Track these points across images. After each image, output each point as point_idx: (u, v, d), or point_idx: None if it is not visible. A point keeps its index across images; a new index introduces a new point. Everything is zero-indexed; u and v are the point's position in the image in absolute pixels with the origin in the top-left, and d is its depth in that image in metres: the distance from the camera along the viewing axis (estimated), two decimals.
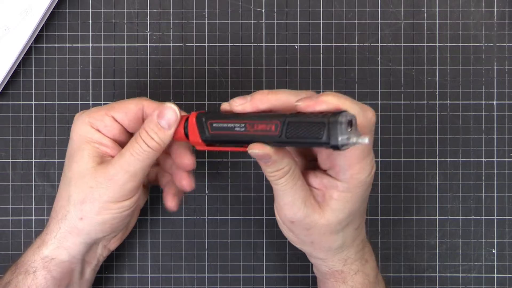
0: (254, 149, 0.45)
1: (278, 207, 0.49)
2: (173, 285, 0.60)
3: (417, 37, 0.60)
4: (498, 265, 0.60)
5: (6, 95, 0.59)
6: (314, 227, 0.48)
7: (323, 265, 0.51)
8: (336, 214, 0.47)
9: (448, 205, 0.60)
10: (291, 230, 0.49)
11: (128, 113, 0.50)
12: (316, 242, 0.49)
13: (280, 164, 0.46)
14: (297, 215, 0.47)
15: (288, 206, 0.47)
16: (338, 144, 0.42)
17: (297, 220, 0.48)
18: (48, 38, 0.59)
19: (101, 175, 0.48)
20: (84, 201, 0.49)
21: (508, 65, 0.60)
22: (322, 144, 0.42)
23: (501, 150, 0.60)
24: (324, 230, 0.48)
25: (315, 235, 0.48)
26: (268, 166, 0.46)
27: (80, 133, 0.50)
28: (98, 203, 0.48)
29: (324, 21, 0.60)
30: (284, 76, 0.59)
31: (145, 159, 0.48)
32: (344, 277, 0.51)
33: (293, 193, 0.47)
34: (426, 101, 0.60)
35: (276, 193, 0.48)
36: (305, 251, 0.52)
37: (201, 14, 0.60)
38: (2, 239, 0.59)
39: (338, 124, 0.42)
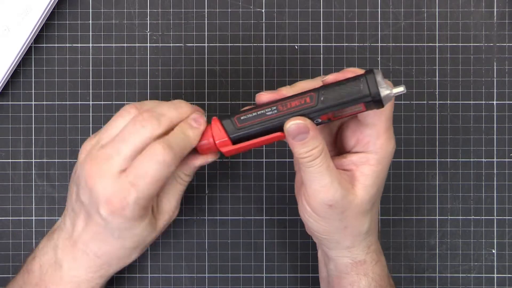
0: (294, 121, 0.45)
1: (312, 193, 0.47)
2: (173, 285, 0.60)
3: (417, 37, 0.60)
4: (498, 265, 0.60)
5: (6, 95, 0.59)
6: (349, 209, 0.48)
7: (345, 257, 0.51)
8: (368, 190, 0.48)
9: (448, 205, 0.60)
10: (325, 218, 0.48)
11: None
12: (349, 226, 0.49)
13: (316, 141, 0.46)
14: (335, 197, 0.47)
15: (326, 189, 0.47)
16: (379, 93, 0.43)
17: (335, 203, 0.47)
18: (48, 38, 0.59)
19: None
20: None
21: (508, 65, 0.60)
22: (364, 98, 0.44)
23: (501, 150, 0.60)
24: (357, 210, 0.48)
25: (349, 218, 0.48)
26: (305, 144, 0.46)
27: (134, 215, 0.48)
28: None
29: (324, 21, 0.60)
30: (284, 76, 0.59)
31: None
32: (366, 269, 0.51)
33: (330, 174, 0.47)
34: (426, 101, 0.60)
35: (310, 177, 0.47)
36: (332, 242, 0.50)
37: (201, 14, 0.60)
38: (2, 239, 0.59)
39: (376, 75, 0.44)
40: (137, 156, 0.46)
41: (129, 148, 0.46)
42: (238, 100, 0.59)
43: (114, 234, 0.47)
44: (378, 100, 0.44)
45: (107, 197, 0.45)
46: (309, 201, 0.48)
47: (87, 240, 0.48)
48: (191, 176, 0.50)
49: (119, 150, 0.46)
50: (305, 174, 0.47)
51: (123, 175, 0.45)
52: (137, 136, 0.46)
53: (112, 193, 0.45)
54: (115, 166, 0.45)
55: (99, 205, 0.46)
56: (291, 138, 0.46)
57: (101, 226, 0.47)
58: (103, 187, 0.45)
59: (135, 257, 0.50)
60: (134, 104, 0.48)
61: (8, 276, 0.59)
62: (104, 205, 0.46)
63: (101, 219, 0.46)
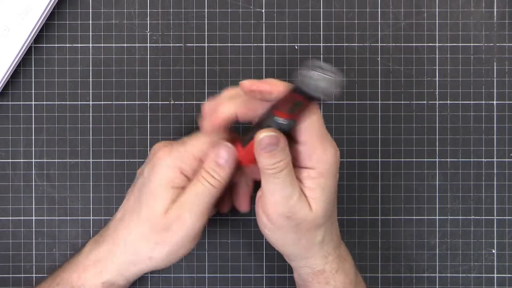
0: (267, 133, 0.47)
1: (272, 203, 0.48)
2: (173, 285, 0.60)
3: (417, 37, 0.60)
4: (498, 265, 0.60)
5: (6, 95, 0.59)
6: (303, 222, 0.49)
7: (305, 267, 0.51)
8: (319, 204, 0.48)
9: (448, 205, 0.60)
10: (280, 229, 0.49)
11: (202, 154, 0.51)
12: (303, 238, 0.49)
13: (284, 153, 0.47)
14: (295, 209, 0.48)
15: (286, 200, 0.48)
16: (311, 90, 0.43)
17: (292, 215, 0.48)
18: (48, 38, 0.59)
19: (172, 218, 0.50)
20: (157, 242, 0.50)
21: (508, 65, 0.60)
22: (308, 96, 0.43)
23: (501, 150, 0.60)
24: (311, 224, 0.49)
25: (303, 231, 0.49)
26: (273, 156, 0.47)
27: (168, 176, 0.50)
28: (168, 246, 0.50)
29: (324, 21, 0.60)
30: (284, 76, 0.59)
31: (210, 197, 0.50)
32: (326, 277, 0.51)
33: (293, 186, 0.48)
34: (426, 101, 0.60)
35: (272, 188, 0.48)
36: (288, 253, 0.52)
37: (201, 14, 0.60)
38: (2, 239, 0.59)
39: (310, 69, 0.42)
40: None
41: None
42: None
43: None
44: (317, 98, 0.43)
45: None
46: (268, 212, 0.49)
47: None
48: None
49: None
50: (267, 185, 0.48)
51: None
52: None
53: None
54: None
55: (147, 165, 0.52)
56: (259, 149, 0.47)
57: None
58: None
59: (156, 252, 0.51)
60: None
61: (8, 276, 0.59)
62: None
63: (143, 177, 0.51)
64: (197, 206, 0.50)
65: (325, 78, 0.42)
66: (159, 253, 0.50)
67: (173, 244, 0.50)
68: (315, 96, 0.43)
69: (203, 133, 0.51)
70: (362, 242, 0.60)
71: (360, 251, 0.60)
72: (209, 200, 0.50)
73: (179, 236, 0.50)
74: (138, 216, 0.50)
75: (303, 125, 0.48)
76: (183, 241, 0.50)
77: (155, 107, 0.59)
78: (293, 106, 0.46)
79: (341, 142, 0.59)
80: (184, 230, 0.50)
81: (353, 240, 0.60)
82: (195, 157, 0.51)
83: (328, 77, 0.42)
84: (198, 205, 0.50)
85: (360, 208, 0.60)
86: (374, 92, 0.60)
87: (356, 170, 0.60)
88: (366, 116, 0.60)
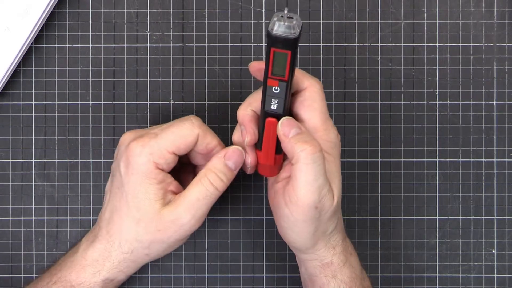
0: (284, 119, 0.48)
1: (305, 193, 0.47)
2: (173, 285, 0.60)
3: (417, 37, 0.60)
4: (498, 265, 0.60)
5: (6, 95, 0.59)
6: (327, 212, 0.48)
7: (313, 260, 0.51)
8: (336, 188, 0.49)
9: (448, 205, 0.60)
10: (304, 220, 0.48)
11: (187, 147, 0.51)
12: (320, 228, 0.49)
13: (311, 136, 0.48)
14: (324, 199, 0.48)
15: (319, 190, 0.47)
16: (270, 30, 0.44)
17: (321, 205, 0.48)
18: (48, 38, 0.59)
19: (169, 220, 0.49)
20: (152, 241, 0.50)
21: (508, 65, 0.60)
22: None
23: (501, 150, 0.60)
24: (331, 213, 0.49)
25: (324, 220, 0.49)
26: (302, 136, 0.47)
27: (145, 173, 0.50)
28: (165, 244, 0.50)
29: (324, 21, 0.60)
30: None
31: (212, 201, 0.50)
32: (333, 271, 0.51)
33: (325, 176, 0.47)
34: (426, 101, 0.60)
35: (308, 178, 0.47)
36: (301, 245, 0.51)
37: (201, 14, 0.60)
38: (2, 239, 0.59)
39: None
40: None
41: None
42: (238, 100, 0.59)
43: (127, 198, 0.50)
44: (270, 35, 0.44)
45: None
46: (298, 202, 0.48)
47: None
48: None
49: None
50: (304, 174, 0.47)
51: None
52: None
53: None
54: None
55: (120, 161, 0.50)
56: (284, 136, 0.47)
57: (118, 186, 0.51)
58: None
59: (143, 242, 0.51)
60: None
61: (8, 276, 0.59)
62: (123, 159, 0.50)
63: (119, 174, 0.50)
64: (197, 210, 0.49)
65: (285, 21, 0.44)
66: (156, 250, 0.51)
67: (170, 243, 0.50)
68: (280, 36, 0.44)
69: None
70: (362, 242, 0.60)
71: (360, 251, 0.60)
72: (211, 204, 0.50)
73: (176, 237, 0.50)
74: (128, 217, 0.50)
75: (307, 102, 0.48)
76: (180, 240, 0.50)
77: (155, 107, 0.59)
78: (275, 64, 0.46)
79: (341, 142, 0.59)
80: (181, 233, 0.50)
81: (353, 240, 0.60)
82: (168, 151, 0.50)
83: (288, 19, 0.44)
84: (198, 209, 0.49)
85: (360, 208, 0.60)
86: (374, 92, 0.60)
87: (356, 170, 0.60)
88: (366, 116, 0.60)
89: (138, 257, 0.51)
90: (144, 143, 0.50)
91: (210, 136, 0.51)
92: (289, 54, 0.45)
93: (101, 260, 0.51)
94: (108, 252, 0.51)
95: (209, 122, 0.59)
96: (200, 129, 0.51)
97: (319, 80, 0.49)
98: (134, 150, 0.49)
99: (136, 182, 0.49)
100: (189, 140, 0.50)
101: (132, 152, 0.50)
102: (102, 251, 0.51)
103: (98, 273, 0.51)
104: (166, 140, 0.50)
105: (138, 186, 0.49)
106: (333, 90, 0.59)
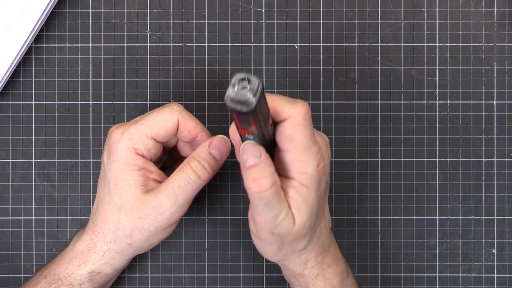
0: (245, 143, 0.46)
1: (258, 221, 0.47)
2: (173, 285, 0.60)
3: (417, 37, 0.60)
4: (498, 265, 0.60)
5: (6, 95, 0.59)
6: (288, 235, 0.47)
7: (286, 270, 0.51)
8: (302, 215, 0.46)
9: (448, 205, 0.60)
10: (266, 242, 0.48)
11: (167, 132, 0.51)
12: (284, 249, 0.48)
13: (267, 168, 0.45)
14: (280, 226, 0.46)
15: (272, 219, 0.46)
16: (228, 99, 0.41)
17: (278, 231, 0.46)
18: (48, 38, 0.59)
19: (150, 207, 0.49)
20: (133, 229, 0.50)
21: (508, 65, 0.60)
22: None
23: (501, 150, 0.60)
24: (295, 236, 0.47)
25: (287, 243, 0.48)
26: (256, 170, 0.45)
27: (125, 159, 0.50)
28: (147, 232, 0.50)
29: (324, 21, 0.60)
30: (284, 76, 0.59)
31: (194, 189, 0.50)
32: (306, 281, 0.50)
33: (279, 204, 0.46)
34: (426, 101, 0.60)
35: (259, 210, 0.46)
36: (269, 259, 0.51)
37: (201, 14, 0.60)
38: (2, 239, 0.59)
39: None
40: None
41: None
42: None
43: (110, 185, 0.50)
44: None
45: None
46: (255, 227, 0.48)
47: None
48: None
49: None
50: (254, 206, 0.46)
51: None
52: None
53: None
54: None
55: (104, 151, 0.51)
56: (242, 164, 0.45)
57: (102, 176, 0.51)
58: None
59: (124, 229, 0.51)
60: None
61: (8, 276, 0.59)
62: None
63: (103, 164, 0.51)
64: (178, 196, 0.49)
65: (239, 93, 0.40)
66: (139, 239, 0.51)
67: (151, 232, 0.50)
68: (236, 110, 0.41)
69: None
70: (362, 242, 0.60)
71: (360, 251, 0.60)
72: (193, 192, 0.49)
73: (157, 225, 0.50)
74: (110, 205, 0.50)
75: (285, 134, 0.46)
76: (161, 228, 0.50)
77: (155, 107, 0.59)
78: (241, 122, 0.44)
79: (341, 142, 0.59)
80: (162, 220, 0.50)
81: (353, 240, 0.60)
82: (147, 136, 0.50)
83: (242, 90, 0.41)
84: (179, 195, 0.49)
85: (360, 208, 0.60)
86: (374, 92, 0.60)
87: (356, 170, 0.60)
88: (366, 116, 0.60)
89: (122, 247, 0.51)
90: (124, 130, 0.50)
91: (192, 121, 0.51)
92: (251, 117, 0.42)
93: (87, 251, 0.51)
94: (94, 243, 0.51)
95: (209, 122, 0.59)
96: (180, 115, 0.50)
97: (305, 103, 0.46)
98: (114, 137, 0.50)
99: (117, 169, 0.50)
100: (168, 126, 0.50)
101: (113, 139, 0.50)
102: (88, 242, 0.52)
103: (84, 264, 0.51)
104: (145, 125, 0.50)
105: (119, 173, 0.50)
106: (333, 90, 0.59)
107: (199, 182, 0.49)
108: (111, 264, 0.52)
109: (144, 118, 0.51)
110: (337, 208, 0.60)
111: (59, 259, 0.52)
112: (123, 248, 0.51)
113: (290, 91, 0.59)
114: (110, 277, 0.53)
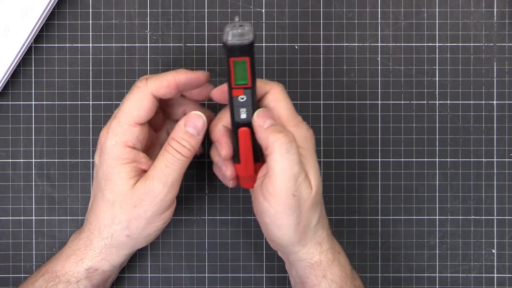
0: (258, 111, 0.50)
1: (281, 182, 0.48)
2: (173, 285, 0.60)
3: (417, 37, 0.60)
4: (498, 265, 0.60)
5: (6, 95, 0.59)
6: (306, 201, 0.49)
7: (302, 260, 0.51)
8: (315, 178, 0.50)
9: (448, 205, 0.60)
10: (283, 211, 0.49)
11: (147, 109, 0.51)
12: (302, 220, 0.49)
13: (284, 127, 0.50)
14: (301, 187, 0.49)
15: (294, 179, 0.48)
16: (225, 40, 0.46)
17: (299, 193, 0.49)
18: (48, 38, 0.59)
19: (143, 193, 0.50)
20: (130, 220, 0.50)
21: (508, 65, 0.60)
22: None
23: (501, 150, 0.60)
24: (311, 203, 0.50)
25: (304, 211, 0.49)
26: (278, 129, 0.49)
27: (116, 154, 0.50)
28: (143, 220, 0.50)
29: (324, 21, 0.60)
30: (284, 76, 0.59)
31: (180, 167, 0.50)
32: (323, 270, 0.51)
33: (300, 164, 0.49)
34: (426, 101, 0.60)
35: (283, 167, 0.48)
36: (286, 242, 0.51)
37: (201, 14, 0.60)
38: (2, 239, 0.59)
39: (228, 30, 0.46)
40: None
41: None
42: None
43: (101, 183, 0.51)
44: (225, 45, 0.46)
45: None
46: (274, 192, 0.49)
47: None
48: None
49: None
50: (278, 163, 0.48)
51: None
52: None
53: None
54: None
55: (96, 154, 0.52)
56: (259, 126, 0.49)
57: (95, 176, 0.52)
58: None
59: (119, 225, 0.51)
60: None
61: (8, 276, 0.59)
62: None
63: (96, 166, 0.52)
64: (167, 176, 0.50)
65: (238, 29, 0.45)
66: (136, 228, 0.51)
67: (147, 219, 0.50)
68: (236, 45, 0.45)
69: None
70: (362, 242, 0.60)
71: (360, 251, 0.60)
72: (179, 169, 0.50)
73: (152, 210, 0.50)
74: (103, 202, 0.51)
75: (272, 103, 0.50)
76: (157, 213, 0.50)
77: None
78: (236, 73, 0.47)
79: (341, 142, 0.59)
80: (156, 203, 0.50)
81: (353, 240, 0.60)
82: (131, 124, 0.50)
83: (240, 27, 0.45)
84: (168, 175, 0.50)
85: (360, 208, 0.60)
86: (374, 92, 0.60)
87: (356, 170, 0.60)
88: (366, 116, 0.60)
89: (119, 241, 0.51)
90: (107, 127, 0.51)
91: (164, 79, 0.51)
92: (248, 60, 0.47)
93: (83, 249, 0.52)
94: (90, 240, 0.52)
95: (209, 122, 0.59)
96: (147, 87, 0.51)
97: (280, 83, 0.51)
98: (101, 137, 0.51)
99: (110, 166, 0.50)
100: (145, 104, 0.51)
101: (101, 139, 0.51)
102: (85, 240, 0.52)
103: (81, 261, 0.51)
104: (123, 115, 0.51)
105: (111, 169, 0.50)
106: (333, 90, 0.59)
107: (185, 160, 0.50)
108: (108, 260, 0.52)
109: (120, 110, 0.51)
110: (337, 208, 0.60)
111: (57, 257, 0.53)
112: (121, 242, 0.51)
113: (290, 91, 0.59)
114: (109, 274, 0.53)
